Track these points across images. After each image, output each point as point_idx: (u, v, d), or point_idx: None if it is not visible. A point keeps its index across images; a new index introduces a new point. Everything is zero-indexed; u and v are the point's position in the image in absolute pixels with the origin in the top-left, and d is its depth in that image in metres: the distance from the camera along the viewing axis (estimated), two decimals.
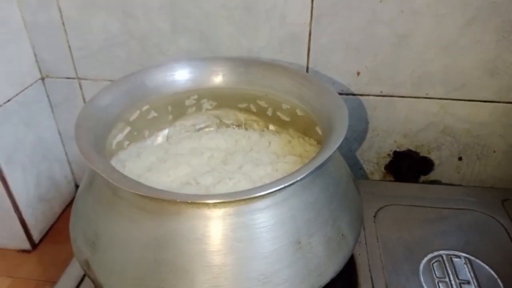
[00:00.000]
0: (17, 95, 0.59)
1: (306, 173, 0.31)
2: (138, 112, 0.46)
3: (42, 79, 0.64)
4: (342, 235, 0.36)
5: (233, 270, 0.32)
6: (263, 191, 0.30)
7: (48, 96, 0.66)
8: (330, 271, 0.35)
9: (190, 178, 0.42)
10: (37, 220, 0.65)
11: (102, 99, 0.41)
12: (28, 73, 0.61)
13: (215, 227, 0.32)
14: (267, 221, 0.33)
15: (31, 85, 0.62)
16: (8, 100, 0.58)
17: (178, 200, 0.30)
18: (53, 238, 0.67)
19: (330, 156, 0.33)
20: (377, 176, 0.68)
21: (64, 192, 0.72)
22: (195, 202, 0.31)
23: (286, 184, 0.30)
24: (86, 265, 0.36)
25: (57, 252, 0.64)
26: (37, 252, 0.65)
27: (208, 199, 0.30)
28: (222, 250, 0.32)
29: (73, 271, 0.46)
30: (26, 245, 0.64)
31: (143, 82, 0.45)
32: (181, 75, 0.48)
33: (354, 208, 0.40)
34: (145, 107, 0.47)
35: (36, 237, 0.65)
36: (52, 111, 0.67)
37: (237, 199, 0.30)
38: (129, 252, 0.33)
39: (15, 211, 0.61)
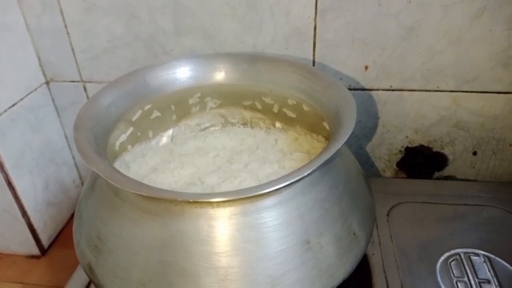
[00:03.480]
0: (22, 99, 0.59)
1: (313, 169, 0.30)
2: (140, 111, 0.45)
3: (47, 83, 0.64)
4: (354, 234, 0.34)
5: (240, 272, 0.31)
6: (268, 188, 0.29)
7: (53, 100, 0.66)
8: (341, 272, 0.34)
9: (195, 178, 0.41)
10: (46, 224, 0.65)
11: (102, 99, 0.40)
12: (32, 77, 0.61)
13: (220, 227, 0.31)
14: (274, 220, 0.31)
15: (36, 89, 0.62)
16: (14, 105, 0.58)
17: (179, 199, 0.28)
18: (62, 242, 0.67)
19: (338, 151, 0.31)
20: (389, 174, 0.66)
21: (72, 196, 0.72)
22: (197, 201, 0.29)
23: (292, 180, 0.29)
24: (89, 269, 0.35)
25: (67, 256, 0.64)
26: (47, 257, 0.65)
27: (211, 198, 0.29)
28: (228, 251, 0.30)
29: (81, 276, 0.45)
30: (35, 251, 0.64)
31: (144, 80, 0.44)
32: (183, 73, 0.47)
33: (366, 206, 0.38)
34: (148, 107, 0.46)
35: (45, 242, 0.65)
36: (58, 115, 0.67)
37: (242, 197, 0.29)
38: (133, 255, 0.32)
39: (23, 216, 0.61)
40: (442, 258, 0.47)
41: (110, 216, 0.34)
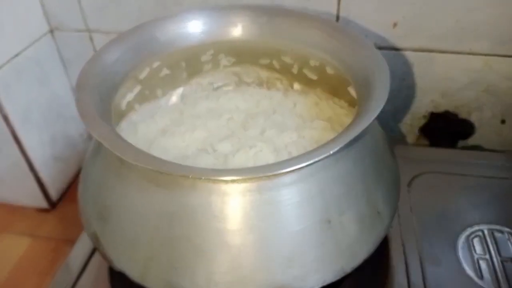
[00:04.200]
0: (25, 49, 0.57)
1: (340, 146, 0.26)
2: (148, 69, 0.41)
3: (51, 31, 0.61)
4: (378, 212, 0.32)
5: (254, 251, 0.28)
6: (289, 167, 0.26)
7: (59, 51, 0.63)
8: (363, 252, 0.32)
9: (207, 144, 0.38)
10: (54, 179, 0.64)
11: (107, 54, 0.37)
12: (36, 26, 0.58)
13: (234, 204, 0.28)
14: (293, 198, 0.28)
15: (40, 38, 0.59)
16: (16, 55, 0.55)
17: (190, 176, 0.26)
18: (72, 196, 0.66)
19: (369, 125, 0.28)
20: (410, 139, 0.63)
21: (80, 151, 0.70)
22: (210, 178, 0.27)
23: (316, 159, 0.26)
24: (95, 239, 0.33)
25: (77, 210, 0.64)
26: (57, 211, 0.65)
27: (225, 175, 0.26)
28: (242, 229, 0.28)
29: None
30: (45, 204, 0.64)
31: (152, 35, 0.40)
32: (195, 27, 0.43)
33: (391, 179, 0.35)
34: (156, 64, 0.42)
35: (54, 196, 0.65)
36: (65, 67, 0.65)
37: (259, 176, 0.26)
38: (140, 228, 0.30)
39: (31, 171, 0.60)
40: (464, 233, 0.45)
41: (116, 185, 0.31)
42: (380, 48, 0.53)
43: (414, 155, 0.55)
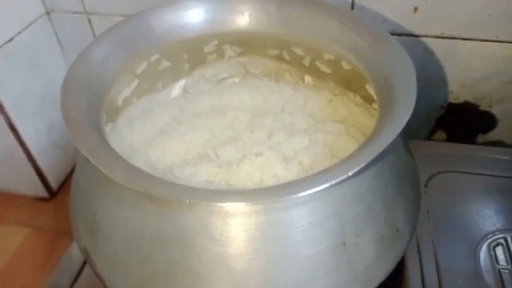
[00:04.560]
0: (20, 33, 0.54)
1: (362, 165, 0.23)
2: (145, 63, 0.38)
3: (47, 13, 0.58)
4: (397, 230, 0.29)
5: (259, 278, 0.26)
6: (302, 191, 0.22)
7: (56, 34, 0.60)
8: (380, 274, 0.29)
9: (208, 148, 0.35)
10: (53, 167, 0.62)
11: (97, 50, 0.33)
12: (30, 7, 0.55)
13: (236, 226, 0.25)
14: (303, 219, 0.25)
15: (35, 21, 0.57)
16: (10, 40, 0.53)
17: (188, 202, 0.22)
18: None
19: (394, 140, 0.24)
20: (425, 131, 0.60)
21: None
22: (210, 204, 0.23)
23: (333, 182, 0.22)
24: (86, 254, 0.30)
25: None
26: (56, 200, 0.63)
27: (227, 200, 0.23)
28: (246, 253, 0.25)
29: None
30: (44, 193, 0.62)
31: (149, 25, 0.36)
32: (197, 16, 0.38)
33: (412, 192, 0.32)
34: (154, 57, 0.38)
35: (54, 184, 0.63)
36: (62, 50, 0.62)
37: (267, 202, 0.23)
38: (133, 247, 0.27)
39: (29, 160, 0.58)
40: (485, 241, 0.42)
41: (107, 197, 0.28)
42: (398, 34, 0.50)
43: (430, 151, 0.52)
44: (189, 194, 0.23)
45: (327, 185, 0.22)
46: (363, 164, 0.23)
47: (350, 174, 0.22)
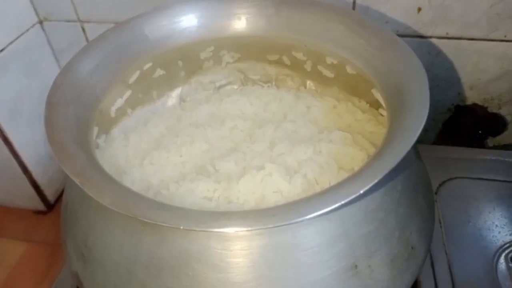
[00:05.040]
0: (13, 42, 0.53)
1: (374, 182, 0.21)
2: (138, 72, 0.36)
3: (40, 22, 0.57)
4: (412, 248, 0.26)
5: None
6: (310, 213, 0.20)
7: (49, 42, 0.60)
8: None
9: (207, 161, 0.33)
10: (51, 179, 0.61)
11: (85, 60, 0.31)
12: (23, 16, 0.55)
13: (237, 250, 0.23)
14: (311, 241, 0.23)
15: (29, 30, 0.56)
16: (3, 49, 0.52)
17: (182, 228, 0.20)
18: None
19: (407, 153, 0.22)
20: (432, 134, 0.58)
21: None
22: (207, 231, 0.21)
23: (343, 202, 0.20)
24: (77, 279, 0.28)
25: None
26: (54, 213, 0.62)
27: (225, 225, 0.21)
28: (249, 281, 0.23)
29: None
30: (41, 206, 0.61)
31: (141, 32, 0.34)
32: (191, 21, 0.37)
33: (426, 203, 0.30)
34: (147, 65, 0.36)
35: (51, 197, 0.62)
36: (56, 59, 0.61)
37: (271, 227, 0.21)
38: (126, 274, 0.25)
39: (24, 173, 0.57)
40: (503, 252, 0.40)
41: (97, 219, 0.26)
42: (402, 35, 0.48)
43: (439, 157, 0.50)
44: (183, 218, 0.21)
45: (337, 205, 0.20)
46: (375, 181, 0.21)
47: (362, 192, 0.20)
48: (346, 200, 0.20)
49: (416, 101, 0.25)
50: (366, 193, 0.21)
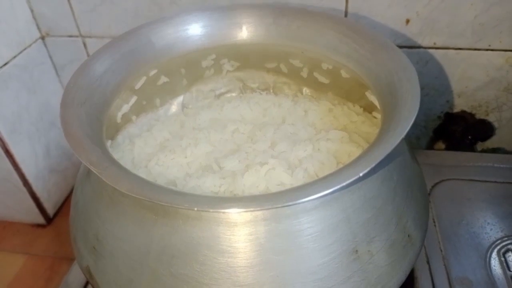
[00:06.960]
0: (15, 57, 0.54)
1: (372, 166, 0.22)
2: (144, 78, 0.37)
3: (42, 38, 0.59)
4: (408, 236, 0.28)
5: None
6: (312, 194, 0.22)
7: (50, 57, 0.61)
8: (393, 282, 0.28)
9: (211, 160, 0.34)
10: (50, 193, 0.62)
11: (96, 65, 0.33)
12: (25, 32, 0.56)
13: (245, 235, 0.24)
14: (314, 227, 0.25)
15: (30, 45, 0.57)
16: (6, 64, 0.53)
17: (196, 209, 0.22)
18: (69, 211, 0.65)
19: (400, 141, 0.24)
20: (424, 141, 0.60)
21: (77, 161, 0.68)
22: (219, 211, 0.23)
23: (344, 184, 0.22)
24: (88, 273, 0.29)
25: None
26: (53, 226, 0.62)
27: (238, 206, 0.22)
28: (255, 265, 0.24)
29: None
30: (40, 219, 0.62)
31: (148, 40, 0.36)
32: (195, 30, 0.39)
33: (420, 195, 0.31)
34: (153, 72, 0.38)
35: (50, 210, 0.62)
36: (57, 74, 0.62)
37: (278, 207, 0.22)
38: (138, 264, 0.26)
39: (24, 185, 0.58)
40: (495, 248, 0.41)
41: (109, 214, 0.27)
42: None
43: (432, 160, 0.52)
44: (197, 201, 0.22)
45: (339, 186, 0.21)
46: (373, 165, 0.22)
47: (361, 175, 0.22)
48: (348, 182, 0.22)
49: (408, 95, 0.27)
50: (365, 176, 0.23)
